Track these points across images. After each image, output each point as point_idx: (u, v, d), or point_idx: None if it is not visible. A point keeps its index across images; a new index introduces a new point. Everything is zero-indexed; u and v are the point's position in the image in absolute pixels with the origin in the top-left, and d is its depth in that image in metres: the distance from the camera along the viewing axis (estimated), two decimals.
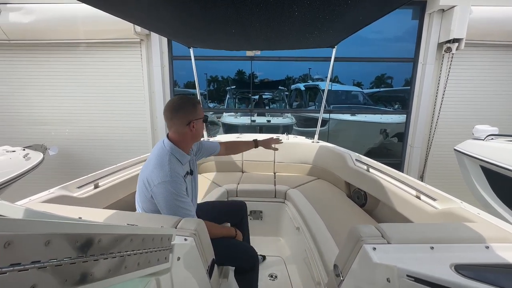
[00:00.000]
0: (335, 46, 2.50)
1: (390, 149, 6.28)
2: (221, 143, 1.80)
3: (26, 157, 3.29)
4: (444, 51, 4.22)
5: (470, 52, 4.33)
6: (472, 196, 3.06)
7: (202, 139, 3.03)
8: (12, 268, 0.30)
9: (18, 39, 4.29)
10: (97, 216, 1.08)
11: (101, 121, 4.77)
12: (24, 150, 3.47)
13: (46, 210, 1.02)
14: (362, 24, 1.53)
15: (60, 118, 4.77)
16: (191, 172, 1.42)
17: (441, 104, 4.48)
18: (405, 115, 4.86)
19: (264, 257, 2.14)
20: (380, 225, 0.99)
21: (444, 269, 0.75)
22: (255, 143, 1.90)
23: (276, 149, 1.95)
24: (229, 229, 1.47)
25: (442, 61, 4.37)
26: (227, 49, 2.40)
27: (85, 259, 0.41)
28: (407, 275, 0.71)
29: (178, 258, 0.81)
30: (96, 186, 1.69)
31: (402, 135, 5.01)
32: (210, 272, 1.16)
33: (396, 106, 6.08)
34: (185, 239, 0.93)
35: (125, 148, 4.81)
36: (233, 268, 1.52)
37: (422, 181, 1.66)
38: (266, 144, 1.92)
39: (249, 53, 2.59)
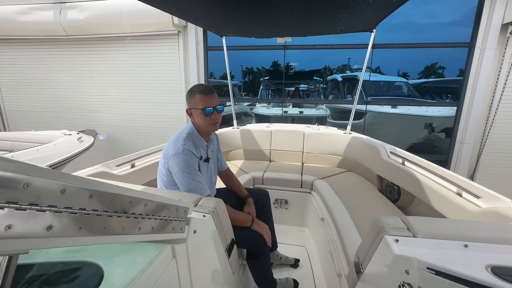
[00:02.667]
0: (374, 30, 2.33)
1: (436, 146, 5.70)
2: (228, 169, 1.75)
3: (79, 140, 3.71)
4: (510, 33, 3.64)
5: None
6: None
7: (232, 128, 3.10)
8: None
9: (75, 35, 4.80)
10: None
11: (143, 110, 5.15)
12: (78, 134, 3.92)
13: None
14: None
15: (109, 106, 5.27)
16: (206, 160, 1.46)
17: (501, 94, 3.90)
18: (456, 108, 4.34)
19: (297, 261, 1.97)
20: (406, 217, 0.92)
21: (477, 268, 0.67)
22: (245, 198, 1.69)
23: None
24: (246, 216, 1.42)
25: (506, 45, 3.77)
26: (257, 37, 2.39)
27: (98, 213, 0.45)
28: (428, 268, 0.65)
29: (195, 231, 0.85)
30: (132, 166, 1.84)
31: (450, 130, 4.50)
32: (229, 251, 1.20)
33: (448, 100, 5.43)
34: (204, 216, 0.97)
35: (163, 135, 5.14)
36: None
37: (472, 181, 1.48)
38: (250, 209, 1.62)
39: (279, 40, 2.52)
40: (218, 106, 1.36)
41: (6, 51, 5.34)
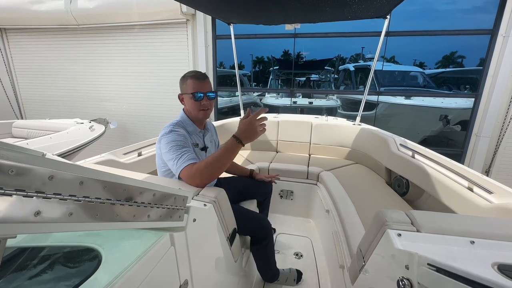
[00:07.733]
0: (387, 17, 2.22)
1: (451, 139, 5.51)
2: None
3: (91, 129, 3.80)
4: None
5: None
6: None
7: (240, 117, 3.09)
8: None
9: (85, 24, 4.83)
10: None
11: (152, 99, 5.19)
12: (90, 122, 4.01)
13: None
14: None
15: (119, 95, 5.34)
16: (203, 149, 1.41)
17: None
18: (473, 99, 4.14)
19: (274, 230, 2.16)
20: (411, 211, 0.89)
21: (482, 266, 0.65)
22: (250, 173, 1.76)
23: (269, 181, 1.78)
24: (229, 145, 1.15)
25: None
26: (264, 24, 2.33)
27: (90, 200, 0.45)
28: (428, 264, 0.63)
29: (194, 220, 0.86)
30: (139, 154, 1.87)
31: (466, 123, 4.32)
32: (231, 240, 1.21)
33: (465, 91, 5.17)
34: (205, 205, 0.98)
35: None
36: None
37: (487, 176, 1.41)
38: (258, 176, 1.76)
39: (288, 27, 2.43)
40: (209, 93, 1.32)
41: (21, 40, 5.46)
